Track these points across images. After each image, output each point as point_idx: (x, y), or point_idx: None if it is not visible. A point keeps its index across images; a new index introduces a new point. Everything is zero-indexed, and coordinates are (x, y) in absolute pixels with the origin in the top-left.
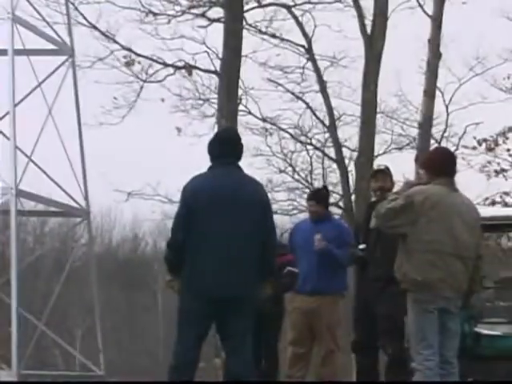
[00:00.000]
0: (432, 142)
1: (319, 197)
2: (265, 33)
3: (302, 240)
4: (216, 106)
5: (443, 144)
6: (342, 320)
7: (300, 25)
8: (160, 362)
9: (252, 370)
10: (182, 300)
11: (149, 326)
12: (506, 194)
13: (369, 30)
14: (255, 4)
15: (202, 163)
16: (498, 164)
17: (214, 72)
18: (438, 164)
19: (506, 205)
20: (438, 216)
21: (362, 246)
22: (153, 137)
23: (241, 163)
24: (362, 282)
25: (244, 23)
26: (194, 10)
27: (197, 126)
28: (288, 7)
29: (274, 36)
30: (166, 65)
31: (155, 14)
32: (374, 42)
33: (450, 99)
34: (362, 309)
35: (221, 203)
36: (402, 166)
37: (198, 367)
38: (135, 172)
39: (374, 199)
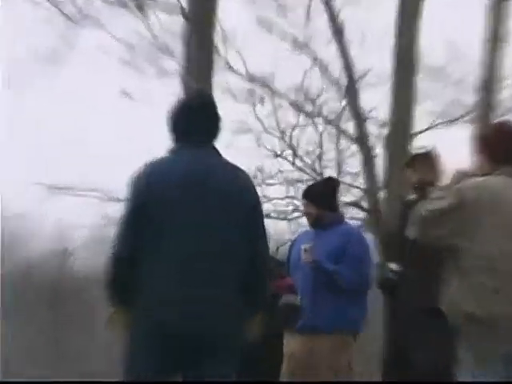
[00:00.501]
0: (500, 111)
1: (314, 194)
2: None
3: (296, 256)
4: (181, 61)
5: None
6: (353, 369)
7: None
8: None
9: None
10: (133, 339)
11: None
12: None
13: None
14: None
15: (162, 144)
16: None
17: (180, 12)
18: (502, 145)
19: None
20: (503, 221)
21: (393, 266)
22: (88, 102)
23: (218, 143)
24: (393, 315)
25: None
26: None
27: (154, 88)
28: None
29: None
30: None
31: None
32: None
33: None
34: (394, 354)
35: (189, 202)
36: (455, 148)
37: None
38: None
39: (412, 197)
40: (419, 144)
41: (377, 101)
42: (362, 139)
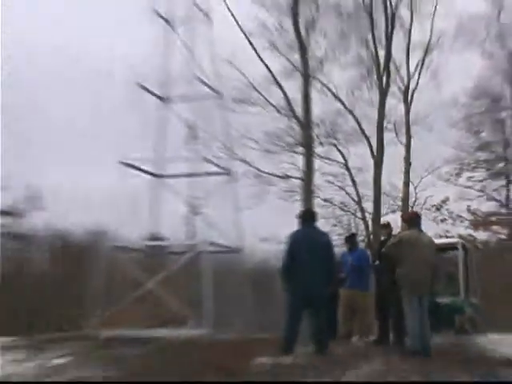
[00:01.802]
0: (410, 208)
1: (348, 239)
2: None
3: (344, 259)
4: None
5: (415, 208)
6: (369, 303)
7: (341, 153)
8: None
9: (324, 327)
10: (289, 296)
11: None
12: (447, 232)
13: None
14: None
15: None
16: (442, 216)
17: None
18: (412, 220)
19: (447, 237)
20: (415, 245)
21: (377, 262)
22: None
23: (317, 223)
24: (378, 281)
25: None
26: None
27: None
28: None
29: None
30: None
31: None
32: (377, 161)
33: (416, 186)
34: (379, 296)
35: (308, 244)
36: (396, 221)
37: (299, 336)
38: None
39: (382, 238)
40: (383, 219)
41: (368, 205)
42: (364, 218)
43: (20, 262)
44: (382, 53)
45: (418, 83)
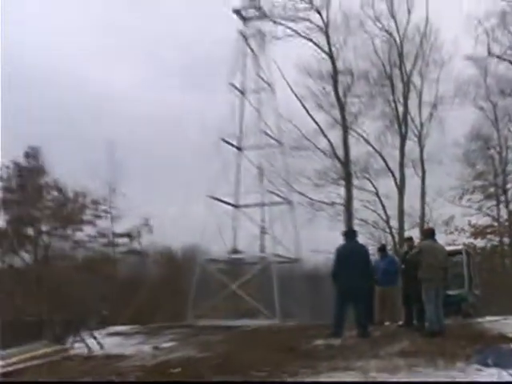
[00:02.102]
0: (426, 224)
1: (380, 249)
2: None
3: (377, 265)
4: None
5: (430, 224)
6: (397, 297)
7: (372, 184)
8: None
9: (363, 314)
10: (337, 292)
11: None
12: (454, 241)
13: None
14: None
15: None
16: (450, 229)
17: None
18: (428, 233)
19: (454, 245)
20: (432, 252)
21: (402, 266)
22: None
23: (358, 238)
24: (404, 280)
25: None
26: None
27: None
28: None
29: None
30: None
31: None
32: (400, 190)
33: (430, 208)
34: (405, 291)
35: (351, 253)
36: (416, 234)
37: (346, 320)
38: None
39: (406, 249)
40: (406, 234)
41: (395, 224)
42: (391, 233)
43: (137, 271)
44: (401, 109)
45: (428, 130)
